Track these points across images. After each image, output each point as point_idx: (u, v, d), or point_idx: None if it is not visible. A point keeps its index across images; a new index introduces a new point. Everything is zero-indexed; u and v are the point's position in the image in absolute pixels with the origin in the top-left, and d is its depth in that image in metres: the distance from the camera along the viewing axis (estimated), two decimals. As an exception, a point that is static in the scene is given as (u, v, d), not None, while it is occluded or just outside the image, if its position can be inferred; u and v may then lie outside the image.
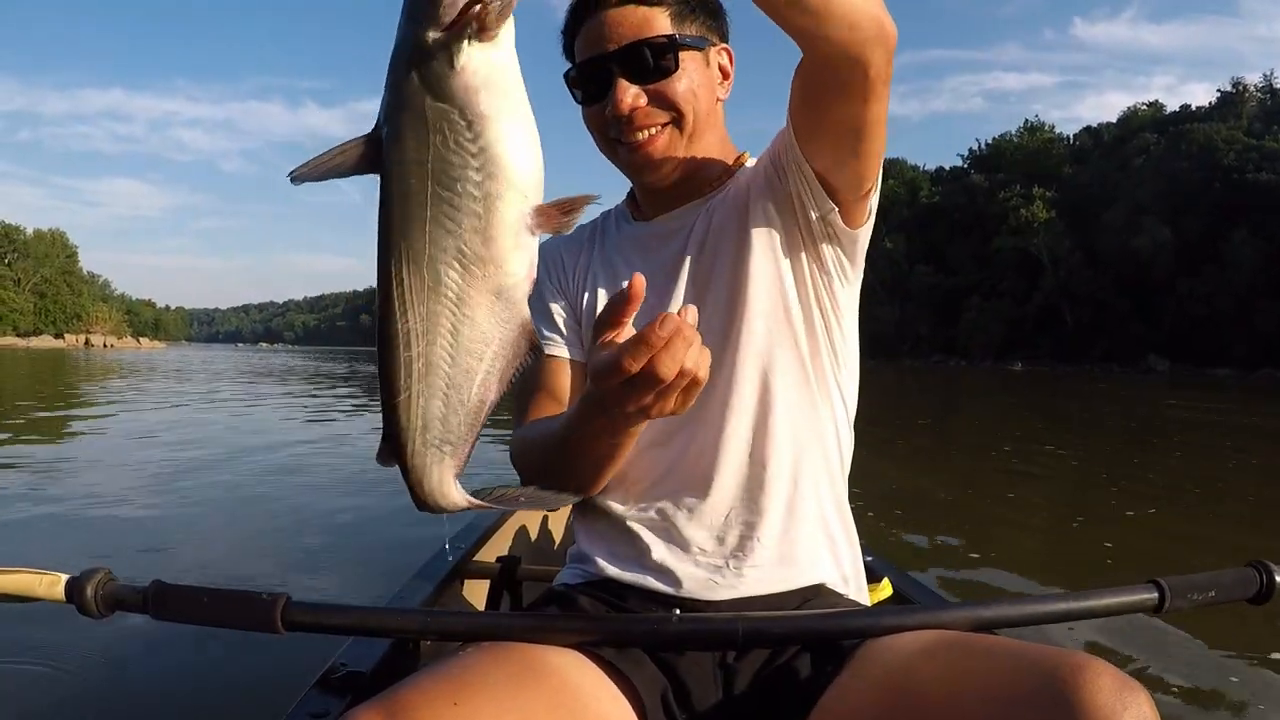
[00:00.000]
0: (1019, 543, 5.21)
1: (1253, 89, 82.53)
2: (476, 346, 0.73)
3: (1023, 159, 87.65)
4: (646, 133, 1.26)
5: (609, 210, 1.51)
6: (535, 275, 0.76)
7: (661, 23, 1.24)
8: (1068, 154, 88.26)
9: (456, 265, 0.70)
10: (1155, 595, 1.08)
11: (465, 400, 0.74)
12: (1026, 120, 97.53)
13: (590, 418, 0.96)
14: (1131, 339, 65.90)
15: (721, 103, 1.36)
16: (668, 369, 0.78)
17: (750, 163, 1.40)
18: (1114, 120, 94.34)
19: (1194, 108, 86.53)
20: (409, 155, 0.70)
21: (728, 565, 1.22)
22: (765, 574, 1.22)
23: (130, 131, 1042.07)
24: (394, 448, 0.74)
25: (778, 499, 1.25)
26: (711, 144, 1.35)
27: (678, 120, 1.27)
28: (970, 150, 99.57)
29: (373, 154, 0.71)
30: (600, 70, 1.25)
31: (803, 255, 1.28)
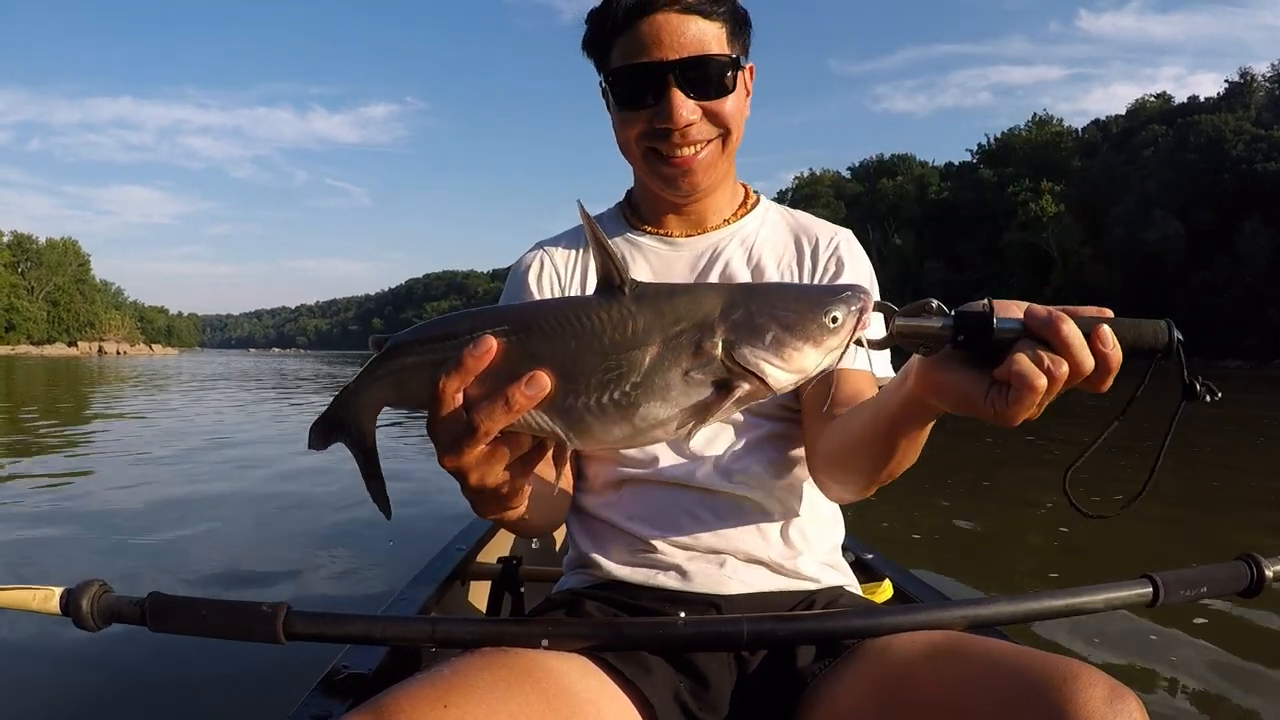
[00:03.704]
0: (1016, 537, 5.24)
1: (1260, 79, 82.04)
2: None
3: (1031, 153, 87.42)
4: (694, 148, 1.26)
5: (599, 214, 1.49)
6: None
7: (719, 38, 1.24)
8: (1076, 147, 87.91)
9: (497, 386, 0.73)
10: (1149, 590, 1.11)
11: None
12: (1035, 114, 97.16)
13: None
14: (1143, 332, 65.47)
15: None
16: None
17: (762, 206, 1.45)
18: (1123, 113, 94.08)
19: (1202, 99, 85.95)
20: (625, 324, 0.73)
21: (735, 560, 1.25)
22: (773, 569, 1.26)
23: (141, 140, 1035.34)
24: (386, 342, 0.81)
25: (781, 496, 1.29)
26: (732, 168, 1.38)
27: (724, 138, 1.28)
28: (980, 145, 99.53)
29: (616, 280, 0.74)
30: (655, 78, 1.22)
31: None
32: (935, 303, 0.81)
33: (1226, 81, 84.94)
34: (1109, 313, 0.79)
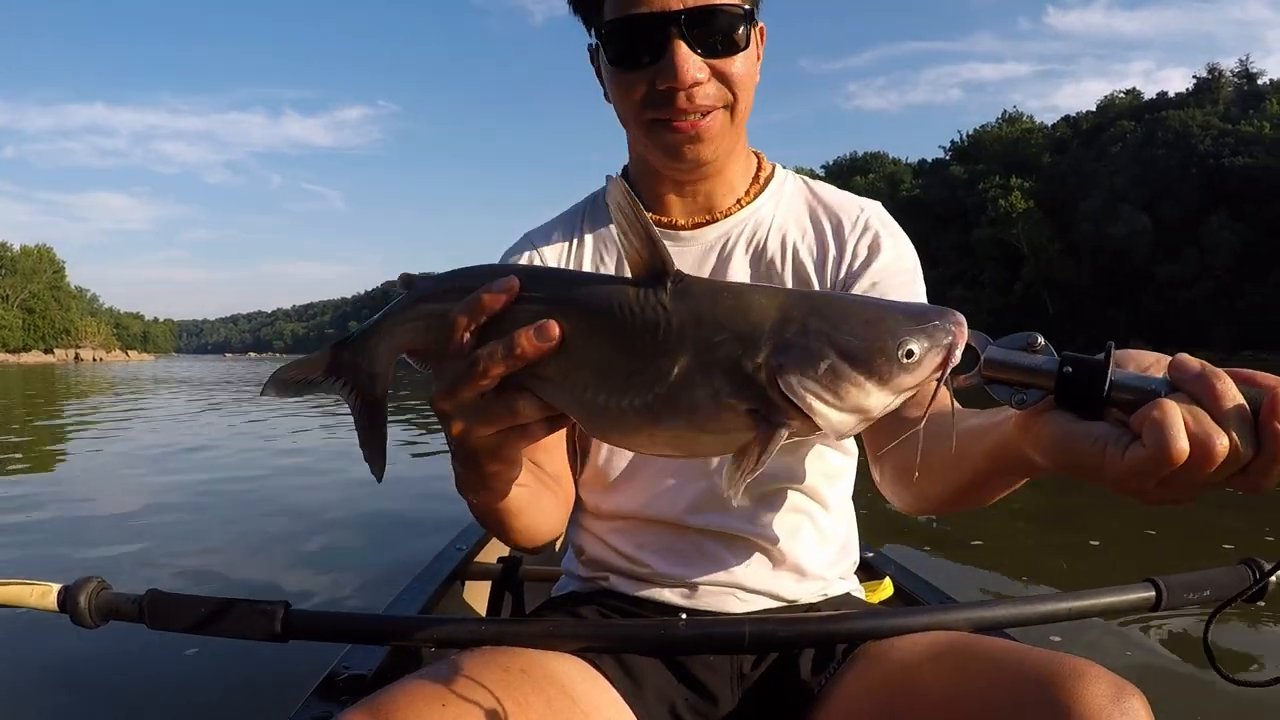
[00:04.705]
0: (1015, 540, 5.13)
1: (1229, 74, 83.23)
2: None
3: (1002, 150, 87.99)
4: (700, 115, 1.10)
5: (595, 194, 1.33)
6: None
7: None
8: (1046, 144, 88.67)
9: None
10: (1152, 594, 1.09)
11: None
12: (1005, 111, 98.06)
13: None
14: (1113, 326, 66.28)
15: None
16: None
17: (778, 179, 1.29)
18: (1093, 109, 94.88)
19: (1171, 94, 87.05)
20: (656, 324, 0.64)
21: (744, 592, 1.20)
22: (778, 587, 1.21)
23: (114, 145, 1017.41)
24: (407, 283, 0.80)
25: (788, 512, 1.22)
26: (743, 137, 1.21)
27: (732, 105, 1.12)
28: (952, 142, 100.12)
29: (659, 269, 0.66)
30: (656, 31, 1.05)
31: None
32: (1040, 339, 0.67)
33: (1195, 77, 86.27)
34: None
